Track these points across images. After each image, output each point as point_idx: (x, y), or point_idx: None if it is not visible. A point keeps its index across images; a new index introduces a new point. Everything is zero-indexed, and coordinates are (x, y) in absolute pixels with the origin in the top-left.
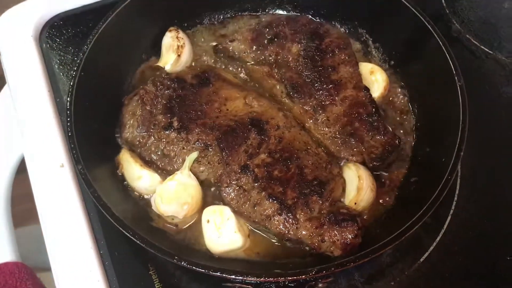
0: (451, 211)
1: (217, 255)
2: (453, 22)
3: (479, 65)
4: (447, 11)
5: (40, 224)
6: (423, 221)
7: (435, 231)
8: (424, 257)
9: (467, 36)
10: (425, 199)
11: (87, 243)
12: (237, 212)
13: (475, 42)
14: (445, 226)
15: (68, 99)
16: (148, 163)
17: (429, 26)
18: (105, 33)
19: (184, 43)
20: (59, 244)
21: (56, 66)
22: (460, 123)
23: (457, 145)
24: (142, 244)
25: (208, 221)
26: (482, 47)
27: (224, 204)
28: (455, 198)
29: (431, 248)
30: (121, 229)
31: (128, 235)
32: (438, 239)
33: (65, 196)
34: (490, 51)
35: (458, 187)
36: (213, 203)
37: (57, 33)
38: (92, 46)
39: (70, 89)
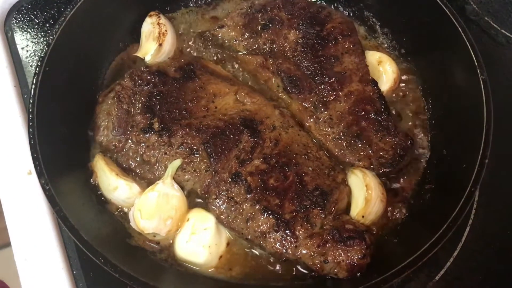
0: (470, 221)
1: (177, 260)
2: (469, 2)
3: (499, 51)
4: None
5: None
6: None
7: (451, 245)
8: (439, 275)
9: (486, 18)
10: (443, 212)
11: (59, 263)
12: (227, 227)
13: (494, 25)
14: (463, 239)
15: (30, 100)
16: (125, 170)
17: (445, 9)
18: (75, 21)
19: (166, 30)
20: (28, 263)
21: (23, 56)
22: (484, 124)
23: (481, 150)
24: (115, 274)
25: (188, 220)
26: (503, 30)
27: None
28: (474, 206)
29: (448, 264)
30: (90, 255)
31: (99, 262)
32: (455, 254)
33: (33, 208)
34: (511, 35)
35: (477, 193)
36: None
37: (24, 19)
38: (58, 37)
39: (33, 88)
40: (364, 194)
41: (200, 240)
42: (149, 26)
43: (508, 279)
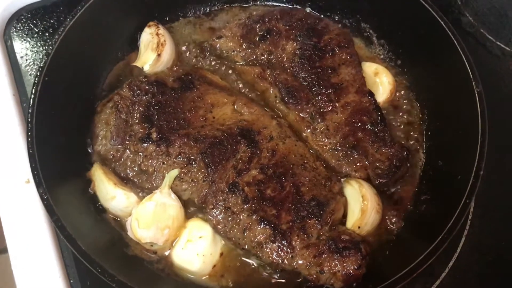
0: (465, 232)
1: (174, 269)
2: (464, 14)
3: (494, 63)
4: (458, 2)
5: None
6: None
7: (447, 256)
8: (435, 285)
9: (481, 30)
10: (438, 223)
11: (56, 272)
12: (224, 237)
13: (489, 37)
14: (458, 250)
15: (29, 110)
16: (123, 180)
17: (441, 22)
18: (74, 31)
19: (165, 40)
20: (26, 272)
21: (23, 65)
22: (479, 136)
23: (476, 162)
24: (112, 284)
25: (185, 227)
26: (498, 42)
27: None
28: (470, 217)
29: (443, 275)
30: (88, 265)
31: (96, 272)
32: (450, 264)
33: (31, 217)
34: (506, 47)
35: (472, 203)
36: None
37: (24, 28)
38: (58, 46)
39: (32, 98)
40: (360, 205)
41: (195, 248)
42: (148, 36)
43: None
